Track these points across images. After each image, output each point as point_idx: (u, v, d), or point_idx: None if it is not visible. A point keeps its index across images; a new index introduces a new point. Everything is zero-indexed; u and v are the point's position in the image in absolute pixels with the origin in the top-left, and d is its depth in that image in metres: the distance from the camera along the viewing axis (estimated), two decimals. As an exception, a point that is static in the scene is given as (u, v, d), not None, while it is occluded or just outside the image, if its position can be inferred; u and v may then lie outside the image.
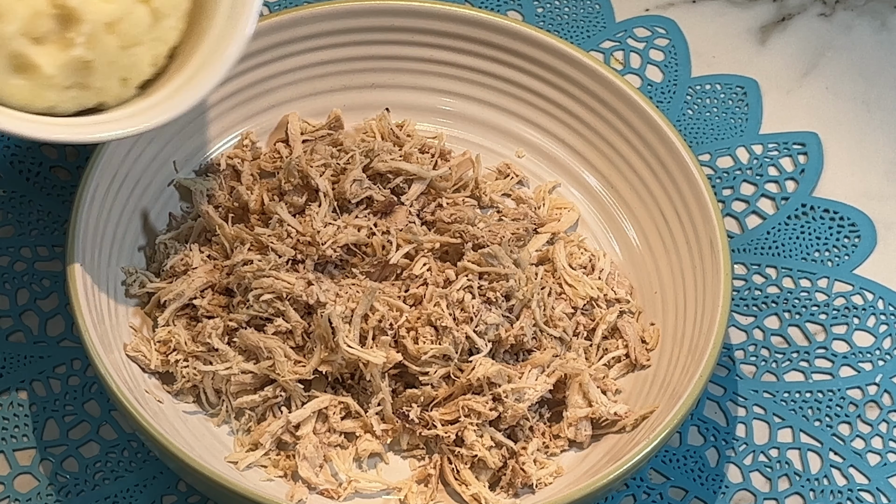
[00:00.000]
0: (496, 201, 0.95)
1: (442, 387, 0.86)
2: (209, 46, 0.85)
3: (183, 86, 0.84)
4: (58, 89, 0.82)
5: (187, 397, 0.87)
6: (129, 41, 0.82)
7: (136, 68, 0.84)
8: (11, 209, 0.95)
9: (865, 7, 1.10)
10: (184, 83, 0.84)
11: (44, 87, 0.82)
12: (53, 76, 0.81)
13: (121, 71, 0.83)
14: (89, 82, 0.83)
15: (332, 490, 0.84)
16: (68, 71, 0.82)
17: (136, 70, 0.84)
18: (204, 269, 0.88)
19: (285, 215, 0.90)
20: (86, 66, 0.82)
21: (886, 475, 0.90)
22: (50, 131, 0.81)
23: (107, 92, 0.84)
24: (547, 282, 0.90)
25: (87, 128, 0.82)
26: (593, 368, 0.88)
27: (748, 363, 0.93)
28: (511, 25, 0.95)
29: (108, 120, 0.83)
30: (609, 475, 0.80)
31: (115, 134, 0.82)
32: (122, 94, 0.84)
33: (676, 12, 1.09)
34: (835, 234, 0.99)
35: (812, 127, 1.04)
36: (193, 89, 0.83)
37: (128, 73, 0.84)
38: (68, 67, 0.81)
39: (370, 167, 0.93)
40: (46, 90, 0.82)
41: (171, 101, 0.83)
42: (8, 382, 0.89)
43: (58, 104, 0.83)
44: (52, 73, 0.81)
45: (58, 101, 0.82)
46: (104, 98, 0.84)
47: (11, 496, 0.85)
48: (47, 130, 0.81)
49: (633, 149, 0.94)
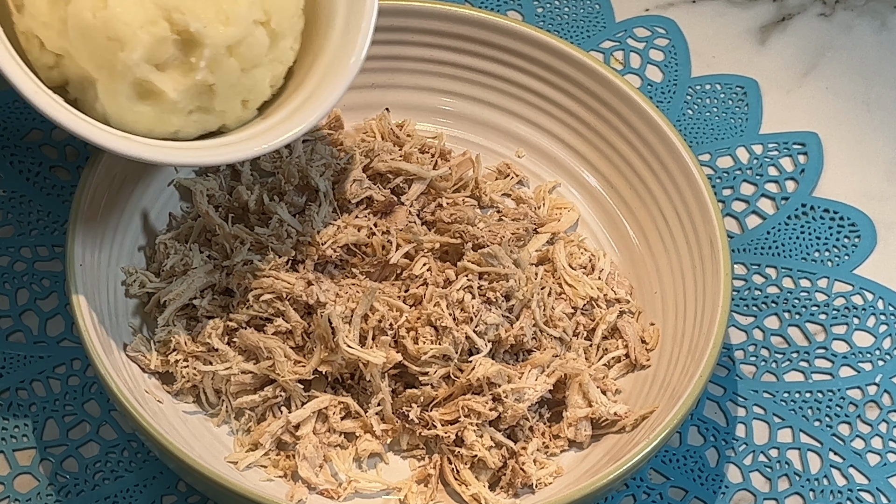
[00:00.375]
0: (496, 201, 0.95)
1: (442, 387, 0.86)
2: (325, 65, 0.85)
3: (301, 106, 0.84)
4: (181, 114, 0.83)
5: (187, 397, 0.87)
6: (249, 63, 0.83)
7: (257, 90, 0.84)
8: (11, 209, 0.95)
9: (865, 7, 1.10)
10: (302, 103, 0.84)
11: (168, 112, 0.82)
12: (177, 101, 0.82)
13: (242, 93, 0.84)
14: (211, 106, 0.83)
15: (332, 490, 0.84)
16: (191, 95, 0.82)
17: (257, 92, 0.85)
18: (204, 269, 0.88)
19: (285, 215, 0.90)
20: (208, 90, 0.82)
21: (886, 475, 0.90)
22: (175, 155, 0.82)
23: (228, 115, 0.84)
24: (547, 282, 0.90)
25: (210, 150, 0.83)
26: (593, 368, 0.88)
27: (748, 363, 0.93)
28: (511, 25, 0.95)
29: (229, 142, 0.84)
30: (609, 475, 0.80)
31: (238, 156, 0.83)
32: (242, 117, 0.85)
33: (676, 12, 1.09)
34: (835, 234, 0.99)
35: (812, 127, 1.04)
36: (312, 108, 0.84)
37: (248, 94, 0.84)
38: (191, 92, 0.82)
39: (370, 167, 0.93)
40: (170, 115, 0.82)
41: (290, 121, 0.84)
42: (8, 382, 0.89)
43: (181, 129, 0.83)
44: (175, 99, 0.81)
45: (181, 125, 0.83)
46: (226, 121, 0.85)
47: (11, 496, 0.86)
48: (172, 154, 0.81)
49: (633, 149, 0.94)
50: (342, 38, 0.85)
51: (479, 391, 0.85)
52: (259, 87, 0.85)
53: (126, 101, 0.81)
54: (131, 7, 0.79)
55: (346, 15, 0.86)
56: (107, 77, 0.81)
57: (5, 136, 0.98)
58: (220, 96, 0.83)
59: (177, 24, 0.80)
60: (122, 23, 0.79)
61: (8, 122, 0.98)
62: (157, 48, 0.80)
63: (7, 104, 0.99)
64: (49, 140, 0.98)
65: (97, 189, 0.87)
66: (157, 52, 0.80)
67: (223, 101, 0.83)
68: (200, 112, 0.83)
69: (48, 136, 0.98)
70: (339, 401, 0.86)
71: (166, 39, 0.80)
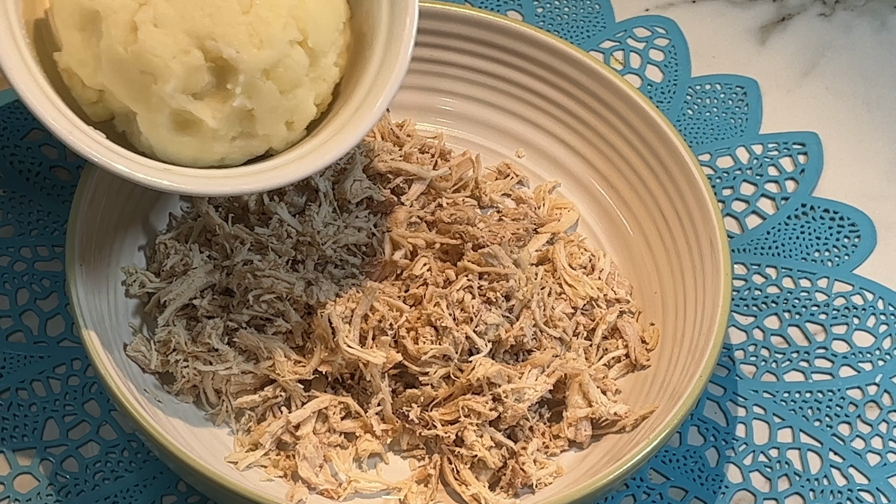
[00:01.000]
0: (496, 201, 0.95)
1: (442, 387, 0.86)
2: (371, 77, 0.84)
3: (348, 121, 0.83)
4: (224, 141, 0.82)
5: (187, 397, 0.87)
6: (288, 85, 0.81)
7: (300, 110, 0.83)
8: (11, 209, 0.95)
9: (865, 7, 1.10)
10: (349, 117, 0.83)
11: (210, 140, 0.82)
12: (217, 129, 0.81)
13: (284, 115, 0.83)
14: (254, 131, 0.82)
15: (332, 490, 0.84)
16: (231, 122, 0.81)
17: (300, 112, 0.83)
18: (204, 269, 0.88)
19: (285, 215, 0.90)
20: (248, 116, 0.82)
21: (886, 475, 0.90)
22: (219, 185, 0.81)
23: (273, 138, 0.83)
24: (547, 282, 0.90)
25: (259, 176, 0.81)
26: (593, 368, 0.88)
27: (748, 363, 0.93)
28: (511, 25, 0.95)
29: (277, 165, 0.82)
30: (609, 475, 0.80)
31: (287, 179, 0.81)
32: (289, 138, 0.84)
33: (676, 12, 1.09)
34: (835, 234, 0.99)
35: (812, 127, 1.04)
36: (359, 123, 0.82)
37: (291, 116, 0.83)
38: (231, 118, 0.81)
39: (370, 167, 0.93)
40: (213, 143, 0.82)
41: (338, 138, 0.82)
42: (8, 382, 0.89)
43: (227, 156, 0.83)
44: (215, 127, 0.81)
45: (226, 152, 0.82)
46: (272, 143, 0.84)
47: (11, 496, 0.86)
48: (216, 185, 0.81)
49: (633, 149, 0.94)
50: (385, 49, 0.84)
51: (479, 391, 0.85)
52: (302, 108, 0.83)
53: (167, 133, 0.81)
54: (162, 38, 0.78)
55: (389, 25, 0.84)
56: (145, 110, 0.80)
57: (5, 136, 0.98)
58: (262, 120, 0.82)
59: (210, 51, 0.79)
60: (154, 55, 0.78)
61: (8, 122, 0.98)
62: (192, 77, 0.79)
63: (7, 104, 0.99)
64: (49, 140, 0.98)
65: (97, 189, 0.87)
66: (192, 81, 0.79)
67: (265, 125, 0.82)
68: (243, 138, 0.83)
69: (48, 136, 0.98)
70: (339, 401, 0.86)
71: (200, 68, 0.79)
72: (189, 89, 0.80)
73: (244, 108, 0.81)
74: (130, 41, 0.79)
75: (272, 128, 0.83)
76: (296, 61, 0.81)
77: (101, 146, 0.79)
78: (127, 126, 0.83)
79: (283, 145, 0.84)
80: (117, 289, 0.88)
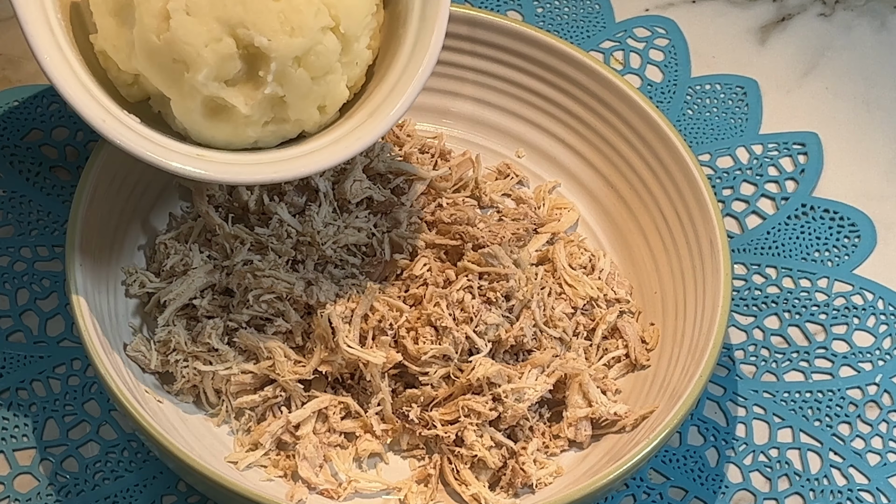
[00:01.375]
0: (496, 201, 0.95)
1: (442, 387, 0.86)
2: (405, 56, 0.84)
3: (382, 103, 0.83)
4: (257, 126, 0.82)
5: (187, 397, 0.87)
6: (320, 71, 0.81)
7: (332, 95, 0.83)
8: (11, 209, 0.95)
9: (865, 7, 1.10)
10: (382, 99, 0.83)
11: (243, 125, 0.82)
12: (250, 115, 0.81)
13: (316, 100, 0.83)
14: (286, 116, 0.82)
15: (332, 490, 0.84)
16: (264, 108, 0.82)
17: (333, 96, 0.83)
18: (204, 269, 0.88)
19: (285, 215, 0.90)
20: (280, 102, 0.82)
21: (886, 475, 0.90)
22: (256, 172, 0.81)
23: (306, 122, 0.83)
24: (547, 282, 0.90)
25: (293, 162, 0.82)
26: (593, 368, 0.88)
27: (748, 363, 0.93)
28: (511, 25, 0.95)
29: (312, 150, 0.83)
30: (609, 475, 0.80)
31: (321, 165, 0.81)
32: (321, 121, 0.84)
33: (676, 12, 1.09)
34: (835, 234, 0.99)
35: (812, 127, 1.04)
36: (393, 105, 0.82)
37: (323, 100, 0.83)
38: (263, 105, 0.81)
39: (370, 167, 0.93)
40: (246, 128, 0.82)
41: (371, 121, 0.82)
42: (8, 382, 0.89)
43: (260, 139, 0.83)
44: (248, 113, 0.81)
45: (259, 136, 0.83)
46: (305, 127, 0.84)
47: (11, 496, 0.86)
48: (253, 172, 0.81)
49: (633, 149, 0.94)
50: (418, 31, 0.84)
51: (479, 391, 0.85)
52: (335, 92, 0.83)
53: (200, 118, 0.81)
54: (194, 27, 0.78)
55: (422, 7, 0.84)
56: (178, 96, 0.81)
57: (5, 136, 0.98)
58: (293, 106, 0.82)
59: (242, 39, 0.79)
60: (186, 43, 0.78)
61: (8, 122, 0.98)
62: (224, 65, 0.79)
63: (7, 104, 0.99)
64: (49, 140, 0.98)
65: (97, 189, 0.87)
66: (224, 69, 0.80)
67: (297, 110, 0.82)
68: (276, 122, 0.83)
69: (48, 136, 0.98)
70: (339, 401, 0.86)
71: (232, 56, 0.79)
72: (221, 77, 0.80)
73: (276, 94, 0.81)
74: (163, 29, 0.79)
75: (304, 113, 0.83)
76: (327, 48, 0.81)
77: (134, 133, 0.80)
78: (162, 107, 0.83)
79: (316, 128, 0.84)
80: (117, 289, 0.88)
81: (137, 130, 0.80)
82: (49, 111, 0.99)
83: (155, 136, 0.81)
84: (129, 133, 0.79)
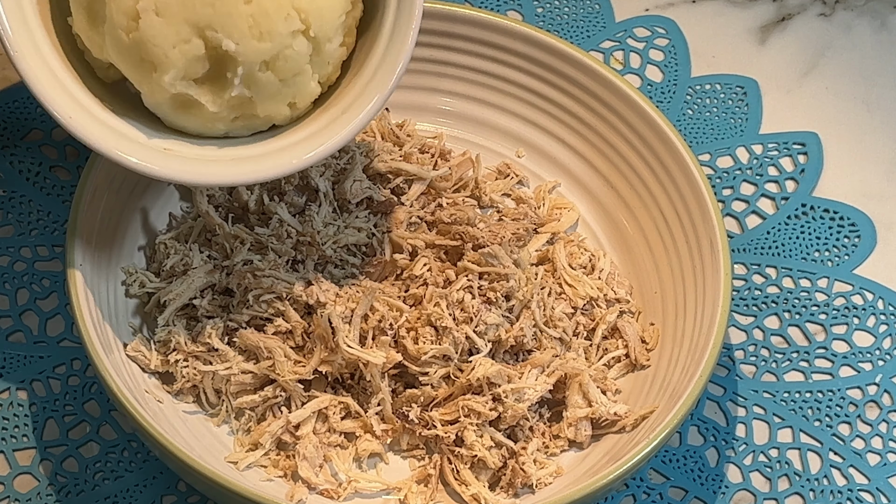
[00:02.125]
0: (496, 201, 0.95)
1: (442, 387, 0.86)
2: (380, 53, 0.83)
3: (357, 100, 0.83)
4: (226, 121, 0.82)
5: (187, 397, 0.87)
6: (288, 74, 0.81)
7: (302, 93, 0.83)
8: (11, 209, 0.95)
9: (865, 7, 1.10)
10: (357, 96, 0.83)
11: (212, 120, 0.82)
12: (217, 112, 0.81)
13: (285, 99, 0.82)
14: (255, 112, 0.82)
15: (332, 490, 0.84)
16: (231, 107, 0.82)
17: (303, 94, 0.83)
18: (204, 269, 0.88)
19: (285, 215, 0.90)
20: (248, 101, 0.82)
21: (886, 475, 0.90)
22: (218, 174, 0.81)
23: (275, 117, 0.83)
24: (547, 282, 0.90)
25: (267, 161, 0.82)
26: (593, 368, 0.88)
27: (748, 363, 0.93)
28: (511, 25, 0.95)
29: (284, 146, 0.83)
30: (609, 475, 0.80)
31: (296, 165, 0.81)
32: (293, 115, 0.84)
33: (676, 12, 1.09)
34: (835, 234, 0.99)
35: (812, 127, 1.04)
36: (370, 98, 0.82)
37: (293, 98, 0.83)
38: (231, 103, 0.81)
39: (370, 167, 0.93)
40: (215, 122, 0.82)
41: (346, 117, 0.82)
42: (8, 382, 0.89)
43: (230, 131, 0.83)
44: (215, 111, 0.81)
45: (229, 129, 0.83)
46: (275, 121, 0.84)
47: (11, 496, 0.85)
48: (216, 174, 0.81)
49: (633, 149, 0.94)
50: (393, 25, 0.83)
51: (479, 391, 0.85)
52: (304, 91, 0.83)
53: (170, 111, 0.82)
54: (162, 28, 0.78)
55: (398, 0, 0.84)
56: (147, 91, 0.81)
57: (5, 136, 0.98)
58: (262, 105, 0.82)
59: (210, 41, 0.79)
60: (154, 45, 0.78)
61: (8, 122, 0.98)
62: (191, 66, 0.79)
63: (7, 104, 0.99)
64: (49, 140, 0.98)
65: (97, 189, 0.87)
66: (192, 69, 0.80)
67: (266, 108, 0.82)
68: (245, 118, 0.83)
69: (48, 136, 0.98)
70: (339, 401, 0.86)
71: (200, 57, 0.79)
72: (189, 76, 0.80)
73: (243, 96, 0.81)
74: (132, 28, 0.79)
75: (273, 110, 0.83)
76: (297, 52, 0.81)
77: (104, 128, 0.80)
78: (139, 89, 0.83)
79: (287, 121, 0.84)
80: (117, 289, 0.88)
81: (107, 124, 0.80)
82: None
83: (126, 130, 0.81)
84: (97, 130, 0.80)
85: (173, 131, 0.83)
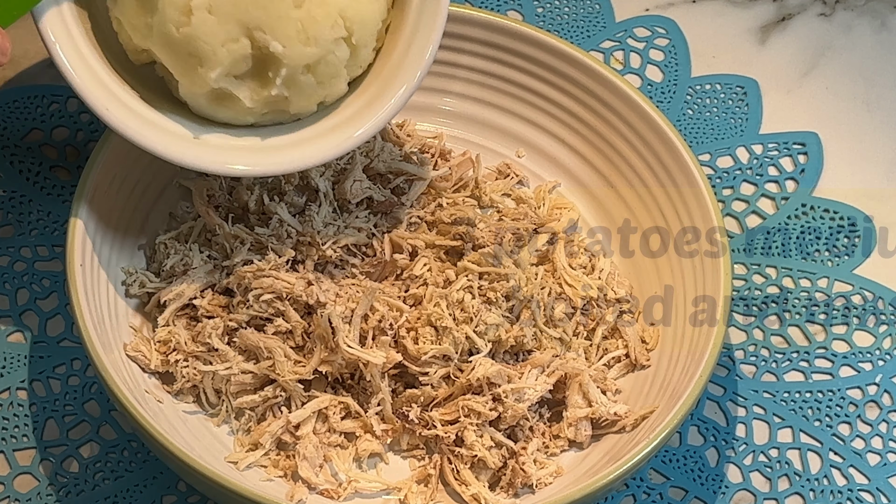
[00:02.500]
0: (496, 201, 0.95)
1: (442, 387, 0.86)
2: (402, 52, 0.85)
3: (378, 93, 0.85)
4: (256, 115, 0.84)
5: (187, 397, 0.87)
6: (327, 77, 0.83)
7: (333, 92, 0.85)
8: (11, 209, 0.95)
9: (865, 7, 1.10)
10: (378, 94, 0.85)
11: (244, 113, 0.84)
12: (252, 108, 0.83)
13: (318, 99, 0.85)
14: (286, 108, 0.84)
15: (332, 490, 0.84)
16: (266, 103, 0.83)
17: (333, 93, 0.85)
18: (204, 269, 0.88)
19: (285, 215, 0.90)
20: (283, 100, 0.83)
21: (886, 475, 0.90)
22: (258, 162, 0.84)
23: (302, 114, 0.85)
24: (547, 282, 0.90)
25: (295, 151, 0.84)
26: (593, 368, 0.88)
27: (748, 363, 0.93)
28: (511, 25, 0.95)
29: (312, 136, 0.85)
30: (609, 475, 0.80)
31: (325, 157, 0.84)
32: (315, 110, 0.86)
33: (676, 12, 1.09)
34: (835, 234, 0.98)
35: (812, 127, 1.04)
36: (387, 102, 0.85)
37: (324, 98, 0.85)
38: (266, 101, 0.83)
39: (370, 167, 0.93)
40: (246, 115, 0.84)
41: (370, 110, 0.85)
42: (8, 382, 0.89)
43: (257, 122, 0.85)
44: (250, 107, 0.83)
45: (257, 120, 0.85)
46: (300, 117, 0.85)
47: (11, 496, 0.85)
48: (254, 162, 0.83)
49: (633, 149, 0.94)
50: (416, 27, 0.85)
51: (479, 391, 0.85)
52: (336, 90, 0.85)
53: (205, 102, 0.83)
54: (214, 26, 0.80)
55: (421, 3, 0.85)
56: (187, 83, 0.82)
57: (5, 136, 0.98)
58: (295, 104, 0.84)
59: (258, 41, 0.81)
60: (204, 42, 0.80)
61: (8, 122, 0.98)
62: (236, 64, 0.81)
63: (7, 104, 0.99)
64: (49, 140, 0.98)
65: (97, 189, 0.87)
66: (236, 67, 0.81)
67: (298, 105, 0.84)
68: (274, 113, 0.85)
69: (48, 136, 0.98)
70: (339, 401, 0.86)
71: (246, 56, 0.81)
72: (232, 73, 0.82)
73: (280, 95, 0.83)
74: (184, 23, 0.80)
75: (304, 107, 0.85)
76: (338, 57, 0.83)
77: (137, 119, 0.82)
78: (167, 74, 0.84)
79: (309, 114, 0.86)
80: (117, 289, 0.88)
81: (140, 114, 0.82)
82: (49, 111, 0.99)
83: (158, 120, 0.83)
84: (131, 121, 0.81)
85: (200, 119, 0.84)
